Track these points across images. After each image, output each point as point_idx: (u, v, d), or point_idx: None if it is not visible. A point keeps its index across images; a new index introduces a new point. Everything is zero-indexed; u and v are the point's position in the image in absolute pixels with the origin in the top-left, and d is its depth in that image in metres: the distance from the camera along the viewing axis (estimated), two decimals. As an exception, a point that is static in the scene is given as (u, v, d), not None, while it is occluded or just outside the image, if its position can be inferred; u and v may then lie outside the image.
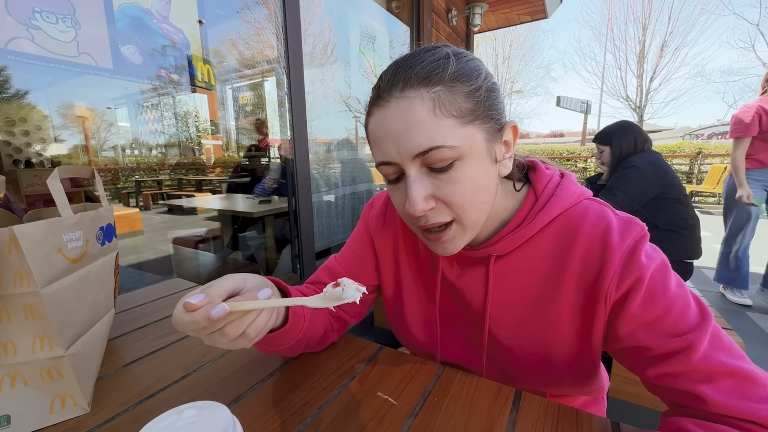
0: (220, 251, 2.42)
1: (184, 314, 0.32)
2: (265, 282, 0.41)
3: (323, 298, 0.36)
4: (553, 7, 3.62)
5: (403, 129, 0.38)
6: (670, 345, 0.38)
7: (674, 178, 1.63)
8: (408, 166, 0.40)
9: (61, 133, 1.69)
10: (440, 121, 0.38)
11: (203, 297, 0.32)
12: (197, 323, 0.32)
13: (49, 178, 0.44)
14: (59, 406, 0.43)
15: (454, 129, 0.38)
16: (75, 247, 0.46)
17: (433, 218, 0.42)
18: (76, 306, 0.45)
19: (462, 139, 0.39)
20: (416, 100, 0.38)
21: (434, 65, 0.39)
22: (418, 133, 0.38)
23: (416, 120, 0.38)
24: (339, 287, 0.35)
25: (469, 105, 0.39)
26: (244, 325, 0.34)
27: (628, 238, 0.42)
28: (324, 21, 2.12)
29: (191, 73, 1.49)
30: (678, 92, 17.18)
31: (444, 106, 0.38)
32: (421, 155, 0.38)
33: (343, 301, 0.34)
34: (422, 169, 0.40)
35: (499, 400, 0.46)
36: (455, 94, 0.38)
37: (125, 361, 0.55)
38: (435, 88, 0.38)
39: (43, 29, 0.92)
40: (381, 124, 0.40)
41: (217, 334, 0.34)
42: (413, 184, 0.40)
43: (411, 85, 0.38)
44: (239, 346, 0.36)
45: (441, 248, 0.45)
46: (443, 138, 0.38)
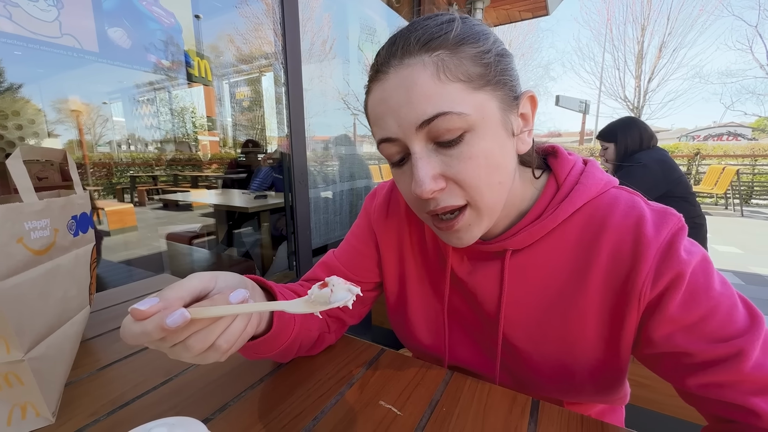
0: (215, 247, 2.36)
1: (132, 324, 0.26)
2: (242, 281, 0.35)
3: (307, 301, 0.29)
4: (555, 3, 3.58)
5: (404, 98, 0.34)
6: (715, 351, 0.34)
7: (681, 176, 1.59)
8: (412, 141, 0.36)
9: (55, 127, 1.63)
10: (446, 86, 0.34)
11: (156, 302, 0.26)
12: (149, 335, 0.25)
13: (9, 159, 0.39)
14: (18, 417, 0.38)
15: (462, 94, 0.34)
16: (40, 237, 0.41)
17: (444, 201, 0.37)
18: (39, 303, 0.40)
19: (472, 107, 0.34)
20: (417, 66, 0.34)
21: (436, 29, 0.35)
22: (421, 101, 0.34)
23: (418, 87, 0.34)
24: (327, 288, 0.29)
25: (478, 69, 0.35)
26: (213, 336, 0.28)
27: (664, 230, 0.37)
28: (323, 17, 2.07)
29: (186, 61, 1.44)
30: (676, 93, 17.19)
31: (449, 69, 0.34)
32: (425, 124, 0.34)
33: (332, 305, 0.28)
34: (429, 145, 0.36)
35: (515, 411, 0.41)
36: (461, 57, 0.34)
37: (100, 365, 0.50)
38: (437, 52, 0.34)
39: (22, 6, 0.86)
40: (380, 97, 0.36)
41: (180, 348, 0.28)
42: (419, 161, 0.36)
43: (410, 51, 0.34)
44: (210, 360, 0.29)
45: (455, 238, 0.40)
46: (450, 104, 0.33)
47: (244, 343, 0.32)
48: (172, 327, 0.25)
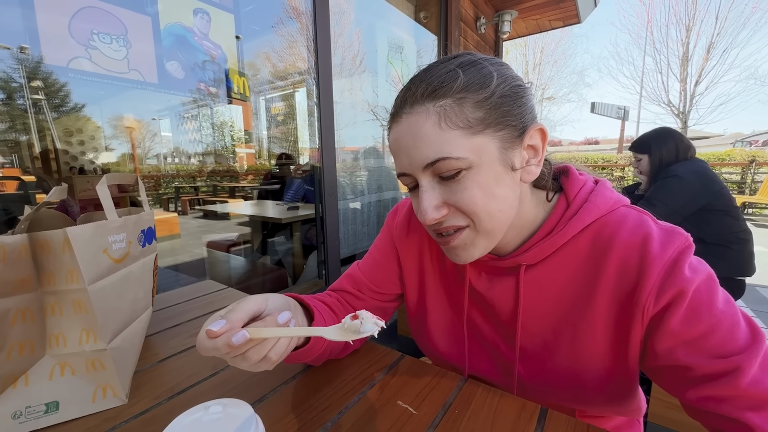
0: (250, 255, 2.50)
1: (206, 340, 0.33)
2: (287, 302, 0.42)
3: (341, 329, 0.36)
4: (587, 11, 3.51)
5: (412, 143, 0.40)
6: (714, 366, 0.36)
7: (722, 189, 1.51)
8: (420, 177, 0.42)
9: (111, 142, 1.83)
10: (446, 134, 0.39)
11: (224, 323, 0.33)
12: (219, 350, 0.33)
13: (98, 185, 0.48)
14: (101, 396, 0.46)
15: (461, 140, 0.39)
16: (119, 248, 0.50)
17: (448, 222, 0.43)
18: (117, 303, 0.49)
19: (469, 150, 0.39)
20: (422, 115, 0.39)
21: (441, 79, 0.40)
22: (424, 146, 0.39)
23: (422, 134, 0.39)
24: (357, 320, 0.36)
25: (479, 114, 0.39)
26: (265, 350, 0.35)
27: (670, 248, 0.39)
28: (353, 33, 2.18)
29: (228, 85, 1.58)
30: (727, 96, 16.01)
31: (449, 118, 0.39)
32: (429, 166, 0.40)
33: (361, 335, 0.35)
34: (433, 179, 0.42)
35: (523, 417, 0.44)
36: (463, 105, 0.39)
37: (160, 357, 0.58)
38: (440, 102, 0.39)
39: (100, 49, 1.02)
40: (395, 138, 0.43)
41: (240, 359, 0.35)
42: (424, 194, 0.42)
43: (418, 101, 0.40)
44: (261, 368, 0.36)
45: (454, 255, 0.45)
46: (449, 150, 0.39)
47: (289, 353, 0.39)
48: (235, 344, 0.32)
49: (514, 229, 0.47)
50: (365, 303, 0.59)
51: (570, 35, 21.26)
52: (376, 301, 0.60)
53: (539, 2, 3.15)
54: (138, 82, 1.13)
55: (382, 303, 0.61)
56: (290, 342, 0.38)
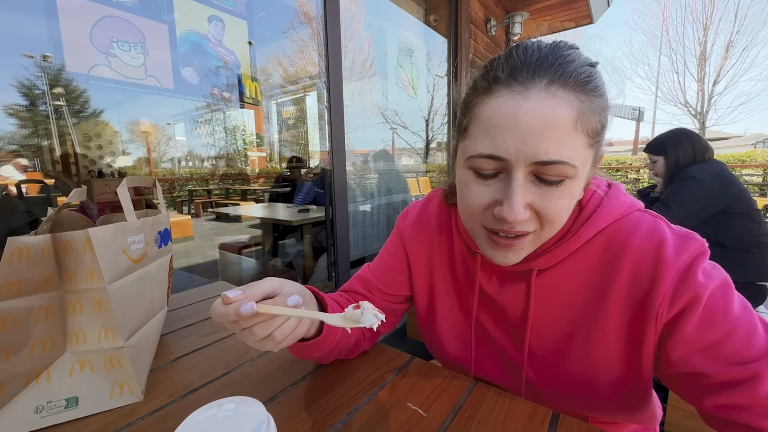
0: (261, 257, 2.53)
1: (220, 305, 0.34)
2: (301, 290, 0.42)
3: (342, 318, 0.37)
4: (600, 11, 3.47)
5: (538, 129, 0.34)
6: (731, 373, 0.35)
7: (742, 191, 1.47)
8: (517, 169, 0.36)
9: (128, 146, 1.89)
10: (578, 136, 0.35)
11: (240, 293, 0.34)
12: (228, 316, 0.34)
13: (119, 187, 0.50)
14: (118, 393, 0.47)
15: (583, 149, 0.36)
16: (137, 249, 0.51)
17: (520, 227, 0.39)
18: (135, 302, 0.50)
19: (582, 161, 0.36)
20: (564, 103, 0.34)
21: (587, 70, 0.35)
22: (552, 140, 0.34)
23: (557, 125, 0.34)
24: (359, 310, 0.36)
25: (598, 125, 0.37)
26: (271, 328, 0.36)
27: (684, 254, 0.39)
28: (364, 36, 2.20)
29: (240, 90, 1.61)
30: (748, 96, 15.51)
31: (586, 120, 0.35)
32: (541, 164, 0.35)
33: (360, 325, 0.35)
34: (530, 176, 0.37)
35: (534, 421, 0.43)
36: (594, 109, 0.36)
37: (174, 356, 0.59)
38: (584, 97, 0.35)
39: (119, 56, 1.06)
40: (511, 112, 0.35)
41: (247, 332, 0.36)
42: (519, 190, 0.36)
43: (563, 83, 0.34)
44: (266, 347, 0.37)
45: (502, 256, 0.43)
46: (572, 155, 0.35)
47: (295, 340, 0.39)
48: (243, 314, 0.33)
49: None
50: (375, 304, 0.59)
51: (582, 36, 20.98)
52: (385, 303, 0.60)
53: (551, 3, 3.13)
54: (155, 88, 1.17)
55: (392, 305, 0.61)
56: (296, 326, 0.38)
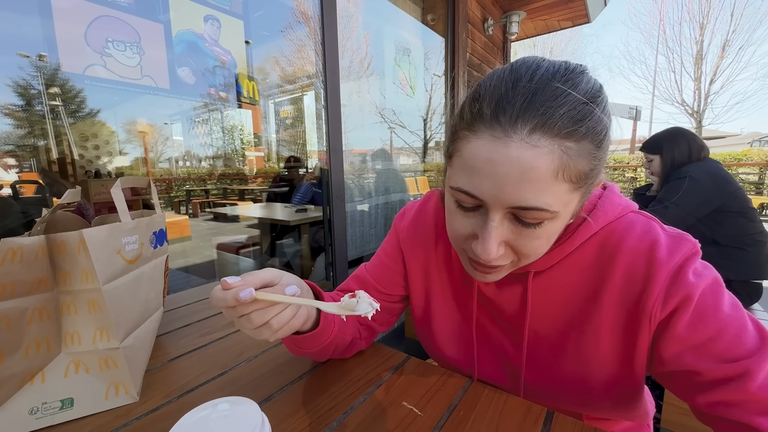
0: (259, 257, 2.53)
1: (219, 290, 0.35)
2: (299, 283, 0.42)
3: (339, 306, 0.38)
4: (597, 10, 3.47)
5: (515, 178, 0.33)
6: (722, 371, 0.35)
7: (737, 190, 1.48)
8: (494, 210, 0.36)
9: (125, 146, 1.88)
10: (557, 185, 0.33)
11: (239, 280, 0.35)
12: (227, 301, 0.34)
13: (113, 188, 0.49)
14: (113, 394, 0.47)
15: (564, 195, 0.34)
16: (132, 250, 0.51)
17: (495, 262, 0.39)
18: (130, 303, 0.50)
19: (563, 205, 0.35)
20: (545, 154, 0.32)
21: (580, 112, 0.32)
22: (528, 189, 0.33)
23: (535, 176, 0.32)
24: (354, 299, 0.37)
25: (587, 168, 0.34)
26: (268, 316, 0.36)
27: (676, 254, 0.39)
28: (361, 36, 2.20)
29: (237, 90, 1.61)
30: (744, 95, 15.65)
31: (569, 169, 0.33)
32: (518, 209, 0.35)
33: (356, 312, 0.36)
34: (508, 215, 0.37)
35: (529, 420, 0.44)
36: (582, 155, 0.33)
37: (170, 357, 0.59)
38: (570, 144, 0.32)
39: (114, 56, 1.05)
40: (488, 158, 0.34)
41: (244, 319, 0.36)
42: (494, 230, 0.36)
43: (546, 132, 0.32)
44: (263, 335, 0.38)
45: (481, 276, 0.43)
46: (550, 202, 0.34)
47: (292, 330, 0.40)
48: (242, 299, 0.34)
49: None
50: (371, 304, 0.59)
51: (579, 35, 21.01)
52: (382, 302, 0.60)
53: (548, 2, 3.13)
54: (151, 88, 1.16)
55: (389, 304, 0.61)
56: (293, 315, 0.39)
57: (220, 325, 0.71)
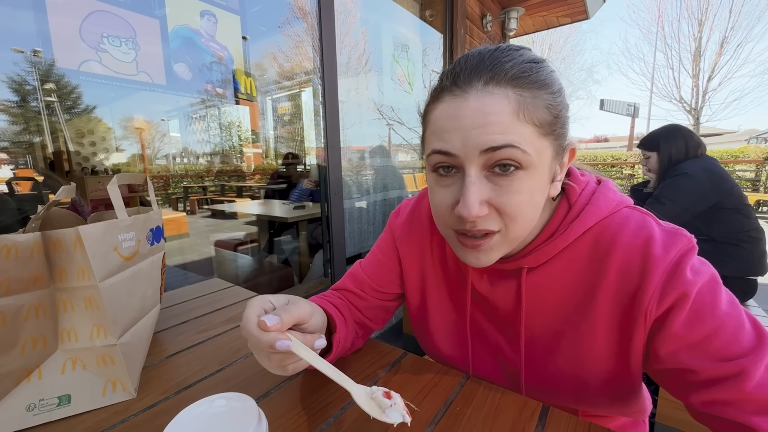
0: (257, 254, 2.53)
1: (255, 329, 0.35)
2: (323, 322, 0.45)
3: (369, 397, 0.37)
4: (595, 7, 3.46)
5: (480, 123, 0.36)
6: (718, 369, 0.35)
7: (733, 187, 1.49)
8: (470, 164, 0.37)
9: (121, 143, 1.87)
10: (521, 125, 0.36)
11: (277, 321, 0.35)
12: (260, 342, 0.35)
13: (109, 184, 0.49)
14: (110, 390, 0.47)
15: (531, 137, 0.37)
16: (128, 247, 0.51)
17: (481, 224, 0.39)
18: (127, 300, 0.50)
19: (534, 150, 0.37)
20: (501, 97, 0.36)
21: (525, 67, 0.37)
22: (495, 130, 0.36)
23: (497, 117, 0.36)
24: (389, 400, 0.36)
25: (549, 118, 0.38)
26: (287, 362, 0.37)
27: (672, 250, 0.39)
28: (359, 32, 2.18)
29: (235, 86, 1.60)
30: (741, 92, 15.61)
31: (528, 111, 0.36)
32: (490, 151, 0.36)
33: (384, 418, 0.35)
34: (483, 171, 0.38)
35: (524, 415, 0.44)
36: (538, 102, 0.37)
37: (167, 353, 0.59)
38: (521, 91, 0.37)
39: (109, 52, 1.04)
40: (453, 114, 0.37)
41: (265, 355, 0.37)
42: (472, 185, 0.37)
43: (498, 81, 0.36)
44: (275, 372, 0.39)
45: (474, 257, 0.42)
46: (519, 141, 0.36)
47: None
48: (277, 349, 0.35)
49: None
50: (367, 302, 0.60)
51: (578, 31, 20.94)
52: (377, 300, 0.60)
53: (546, -1, 3.12)
54: (147, 84, 1.15)
55: (384, 302, 0.61)
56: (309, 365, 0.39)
57: (218, 322, 0.71)
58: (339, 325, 0.49)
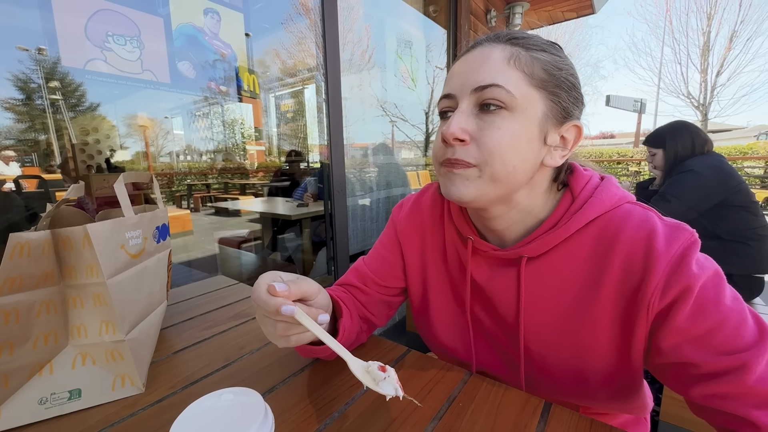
0: (261, 252, 2.54)
1: (264, 292, 0.37)
2: (328, 303, 0.46)
3: (364, 369, 0.38)
4: (602, 1, 3.42)
5: (476, 66, 0.43)
6: (720, 363, 0.35)
7: (740, 184, 1.47)
8: (463, 99, 0.43)
9: (125, 140, 1.88)
10: (510, 70, 0.41)
11: (286, 288, 0.37)
12: (268, 306, 0.37)
13: (116, 183, 0.50)
14: (119, 385, 0.48)
15: (519, 82, 0.41)
16: (135, 244, 0.52)
17: (459, 153, 0.42)
18: (134, 296, 0.51)
19: (521, 94, 0.41)
20: (497, 48, 0.43)
21: (527, 35, 0.44)
22: (486, 71, 0.41)
23: (490, 61, 0.42)
24: (383, 373, 0.37)
25: (543, 74, 0.42)
26: (292, 331, 0.39)
27: (675, 244, 0.39)
28: (363, 28, 2.18)
29: (238, 84, 1.60)
30: (751, 87, 15.42)
31: (519, 60, 0.41)
32: (479, 90, 0.41)
33: (378, 389, 0.36)
34: (473, 108, 0.43)
35: (527, 410, 0.45)
36: (534, 60, 0.42)
37: (174, 349, 0.60)
38: (517, 48, 0.42)
39: (114, 50, 1.05)
40: (461, 61, 0.46)
41: (271, 323, 0.39)
42: (459, 113, 0.42)
43: (498, 38, 0.44)
44: (277, 342, 0.40)
45: (450, 184, 0.44)
46: (505, 82, 0.40)
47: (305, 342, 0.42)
48: (282, 313, 0.36)
49: (519, 212, 0.47)
50: (371, 297, 0.60)
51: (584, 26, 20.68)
52: (381, 295, 0.61)
53: (551, -7, 3.09)
54: (151, 82, 1.16)
55: (387, 297, 0.61)
56: (312, 338, 0.41)
57: (223, 319, 0.72)
58: (345, 312, 0.51)
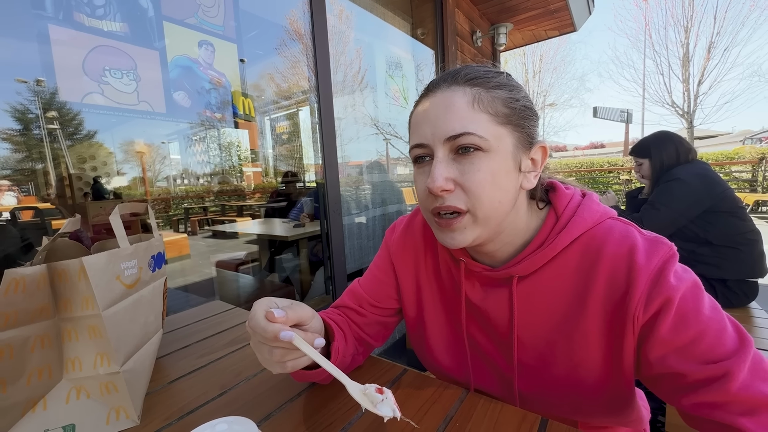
0: (258, 273, 2.53)
1: (262, 319, 0.38)
2: (321, 327, 0.47)
3: (362, 392, 0.39)
4: (582, 19, 3.56)
5: (442, 114, 0.43)
6: (704, 372, 0.36)
7: (726, 190, 1.50)
8: (438, 149, 0.44)
9: (122, 166, 1.90)
10: (476, 114, 0.42)
11: (283, 315, 0.38)
12: (266, 333, 0.37)
13: (111, 215, 0.51)
14: (114, 418, 0.48)
15: (487, 124, 0.42)
16: (130, 274, 0.52)
17: (449, 201, 0.44)
18: (130, 327, 0.51)
19: (491, 135, 0.42)
20: (458, 92, 0.44)
21: (482, 72, 0.45)
22: (454, 119, 0.42)
23: (455, 108, 0.43)
24: (380, 395, 0.38)
25: (505, 110, 0.44)
26: (288, 357, 0.40)
27: (654, 258, 0.41)
28: (354, 51, 2.25)
29: (234, 111, 1.64)
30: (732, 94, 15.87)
31: (482, 102, 0.43)
32: (452, 139, 0.43)
33: (376, 411, 0.37)
34: (450, 154, 0.44)
35: (523, 428, 0.45)
36: (494, 98, 0.44)
37: (170, 379, 0.60)
38: (477, 88, 0.44)
39: (111, 84, 1.08)
40: (424, 109, 0.46)
41: (267, 349, 0.39)
42: (439, 164, 0.43)
43: (457, 81, 0.44)
44: (272, 369, 0.41)
45: (449, 237, 0.46)
46: (475, 127, 0.42)
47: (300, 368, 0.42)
48: (281, 339, 0.37)
49: (507, 235, 0.48)
50: (366, 318, 0.60)
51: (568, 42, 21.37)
52: (376, 316, 0.61)
53: (533, 14, 3.21)
54: (147, 112, 1.19)
55: (383, 318, 0.62)
56: (307, 363, 0.41)
57: (219, 345, 0.72)
58: (337, 335, 0.51)
